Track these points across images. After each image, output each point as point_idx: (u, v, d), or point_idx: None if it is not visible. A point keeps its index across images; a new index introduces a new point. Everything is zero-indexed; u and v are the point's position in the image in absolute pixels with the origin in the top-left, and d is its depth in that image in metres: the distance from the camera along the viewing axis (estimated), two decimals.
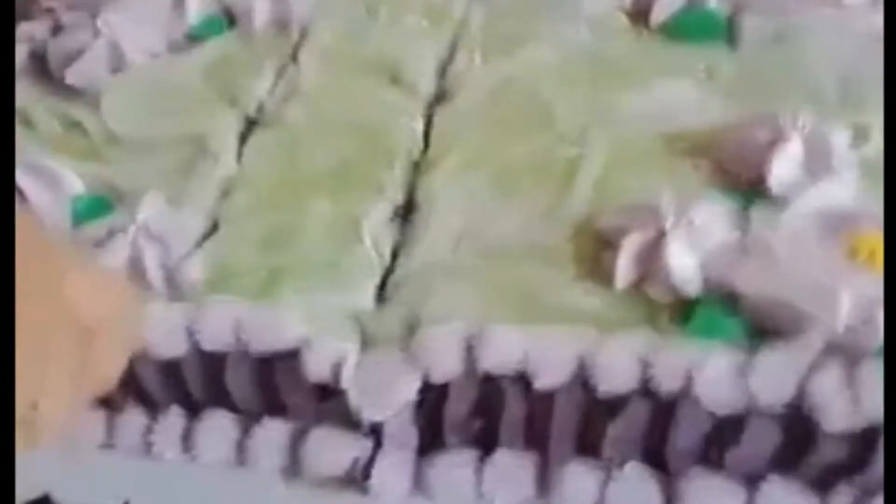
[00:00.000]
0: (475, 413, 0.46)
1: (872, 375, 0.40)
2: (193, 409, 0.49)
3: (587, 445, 0.46)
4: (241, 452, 0.49)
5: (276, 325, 0.45)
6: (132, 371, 0.46)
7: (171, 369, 0.47)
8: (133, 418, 0.50)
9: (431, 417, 0.46)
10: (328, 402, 0.47)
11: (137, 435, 0.50)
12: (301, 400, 0.47)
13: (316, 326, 0.45)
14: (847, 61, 0.54)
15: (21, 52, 0.61)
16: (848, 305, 0.41)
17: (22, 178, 0.51)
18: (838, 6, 0.55)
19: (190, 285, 0.48)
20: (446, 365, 0.44)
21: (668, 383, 0.42)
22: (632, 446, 0.45)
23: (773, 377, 0.41)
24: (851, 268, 0.43)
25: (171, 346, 0.46)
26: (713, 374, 0.41)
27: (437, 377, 0.44)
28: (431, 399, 0.45)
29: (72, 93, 0.58)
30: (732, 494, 0.44)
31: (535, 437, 0.46)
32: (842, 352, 0.41)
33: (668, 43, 0.57)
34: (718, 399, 0.41)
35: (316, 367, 0.45)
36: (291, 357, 0.45)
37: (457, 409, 0.46)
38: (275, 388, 0.47)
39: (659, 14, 0.58)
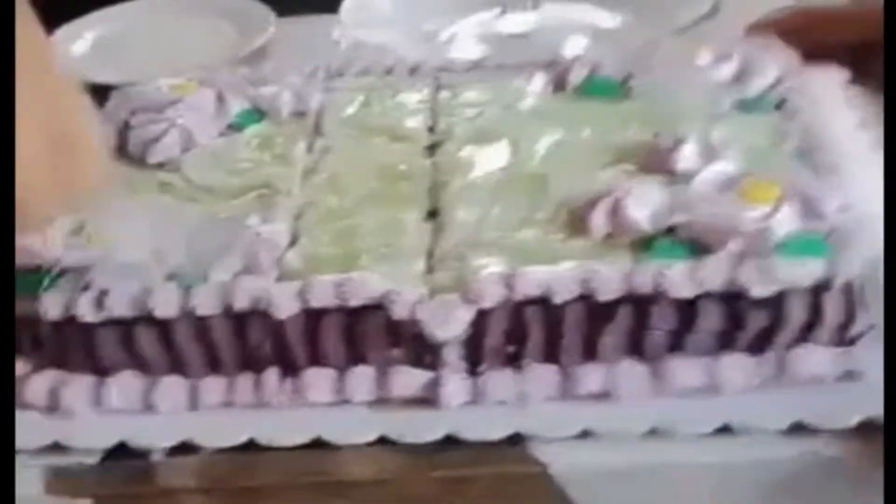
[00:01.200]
0: (509, 340, 0.60)
1: (776, 259, 0.58)
2: (295, 369, 0.61)
3: (591, 352, 0.60)
4: (339, 392, 0.61)
5: (366, 283, 0.59)
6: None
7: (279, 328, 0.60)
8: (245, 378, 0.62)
9: (477, 346, 0.60)
10: (402, 346, 0.60)
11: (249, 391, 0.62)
12: (382, 342, 0.60)
13: (390, 284, 0.60)
14: (705, 99, 0.74)
15: None
16: (748, 221, 0.59)
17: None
18: (695, 69, 0.76)
19: (292, 271, 0.62)
20: (492, 293, 0.58)
21: (645, 286, 0.58)
22: (622, 347, 0.59)
23: (715, 268, 0.58)
24: (743, 202, 0.61)
25: (286, 308, 0.59)
26: (675, 272, 0.58)
27: (486, 303, 0.58)
28: (479, 328, 0.59)
29: (153, 168, 0.72)
30: (696, 368, 0.59)
31: (553, 352, 0.60)
32: (749, 250, 0.59)
33: (583, 100, 0.76)
34: (678, 287, 0.57)
35: (399, 308, 0.58)
36: (377, 307, 0.59)
37: (496, 335, 0.60)
38: (362, 337, 0.61)
39: (572, 81, 0.77)
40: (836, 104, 0.78)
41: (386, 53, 0.94)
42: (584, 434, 0.58)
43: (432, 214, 0.67)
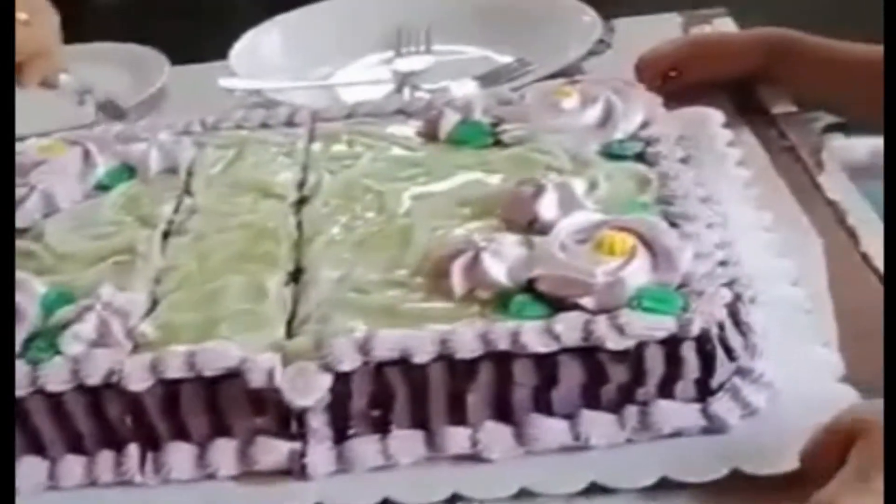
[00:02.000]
0: (373, 404, 0.57)
1: (629, 314, 0.55)
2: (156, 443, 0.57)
3: (456, 415, 0.57)
4: (203, 467, 0.57)
5: (221, 352, 0.56)
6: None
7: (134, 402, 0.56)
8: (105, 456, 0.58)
9: (341, 412, 0.57)
10: (264, 415, 0.57)
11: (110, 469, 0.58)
12: (243, 412, 0.57)
13: (248, 352, 0.57)
14: (571, 145, 0.71)
15: None
16: (601, 274, 0.57)
17: None
18: (562, 113, 0.73)
19: (147, 342, 0.59)
20: (349, 358, 0.55)
21: (503, 343, 0.55)
22: (487, 408, 0.57)
23: (569, 324, 0.55)
24: (598, 255, 0.58)
25: (140, 380, 0.55)
26: (531, 328, 0.55)
27: (343, 368, 0.55)
28: (340, 393, 0.57)
29: (18, 232, 0.68)
30: (560, 428, 0.56)
31: (419, 414, 0.57)
32: (602, 305, 0.57)
33: (454, 148, 0.73)
34: (535, 344, 0.55)
35: (256, 376, 0.55)
36: (234, 376, 0.56)
37: (359, 399, 0.57)
38: (222, 408, 0.57)
39: (444, 128, 0.74)
40: (711, 144, 0.76)
41: (271, 100, 0.91)
42: (454, 498, 0.55)
43: (296, 274, 0.64)
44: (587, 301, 0.57)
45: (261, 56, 1.03)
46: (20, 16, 0.76)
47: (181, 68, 1.06)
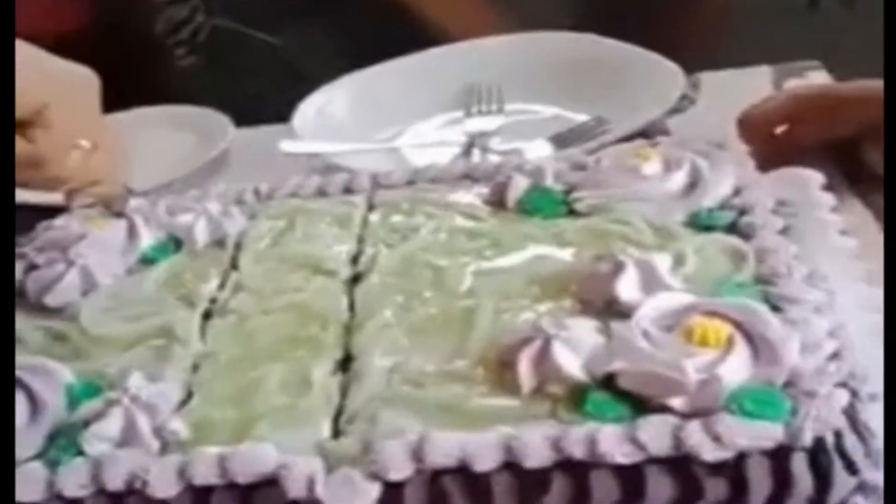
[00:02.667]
0: None
1: (727, 419, 0.46)
2: None
3: None
4: None
5: (256, 456, 0.48)
6: None
7: None
8: None
9: None
10: None
11: None
12: None
13: (288, 455, 0.49)
14: (653, 214, 0.62)
15: None
16: (692, 373, 0.48)
17: (20, 374, 0.53)
18: (642, 179, 0.64)
19: (177, 441, 0.51)
20: (400, 464, 0.47)
21: (578, 451, 0.46)
22: None
23: (656, 430, 0.46)
24: (688, 346, 0.49)
25: (166, 487, 0.48)
26: (611, 434, 0.46)
27: (393, 478, 0.47)
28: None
29: (51, 312, 0.62)
30: None
31: None
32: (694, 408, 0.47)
33: (523, 217, 0.65)
34: (616, 453, 0.46)
35: (294, 485, 0.47)
36: (271, 482, 0.48)
37: None
38: None
39: (512, 195, 0.66)
40: (811, 211, 0.66)
41: (333, 164, 0.84)
42: None
43: (345, 362, 0.55)
44: (677, 402, 0.47)
45: (325, 118, 0.96)
46: (83, 143, 0.67)
47: (246, 131, 1.00)
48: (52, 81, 0.65)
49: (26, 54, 0.63)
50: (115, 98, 1.08)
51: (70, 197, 0.68)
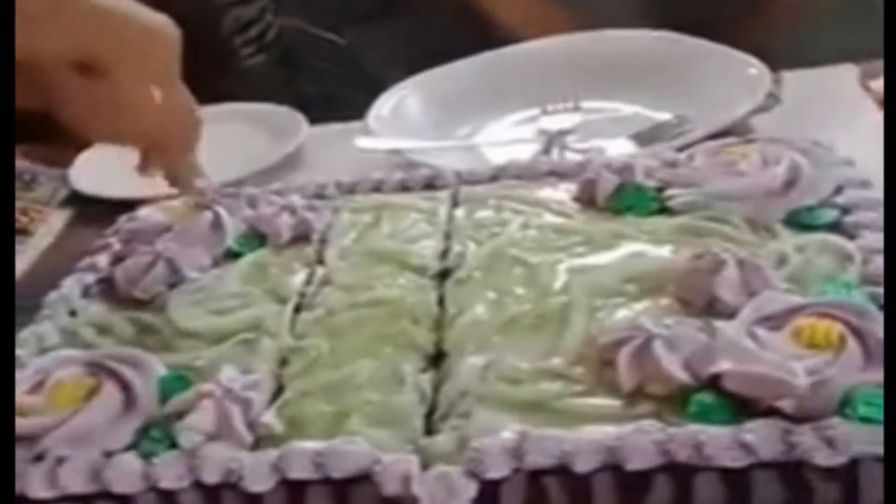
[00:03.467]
0: None
1: (839, 425, 0.45)
2: None
3: None
4: None
5: (351, 452, 0.48)
6: None
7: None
8: None
9: None
10: None
11: None
12: None
13: (382, 451, 0.48)
14: (751, 213, 0.61)
15: (90, 279, 0.65)
16: (803, 375, 0.46)
17: (114, 365, 0.54)
18: (739, 177, 0.63)
19: (270, 435, 0.51)
20: (500, 463, 0.46)
21: (683, 454, 0.45)
22: None
23: (765, 433, 0.45)
24: (797, 347, 0.48)
25: (261, 481, 0.48)
26: (717, 437, 0.45)
27: (491, 476, 0.46)
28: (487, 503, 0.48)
29: (140, 304, 0.62)
30: None
31: None
32: (805, 410, 0.46)
33: (614, 215, 0.64)
34: (723, 456, 0.44)
35: (390, 482, 0.46)
36: (365, 478, 0.48)
37: None
38: None
39: (601, 192, 0.65)
40: None
41: (410, 161, 0.84)
42: None
43: (437, 358, 0.55)
44: (786, 405, 0.46)
45: (400, 116, 0.95)
46: (154, 93, 0.62)
47: (320, 128, 1.00)
48: (118, 25, 0.60)
49: None
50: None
51: (144, 166, 0.65)
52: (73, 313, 0.63)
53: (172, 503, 0.49)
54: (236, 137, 1.04)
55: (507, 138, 0.93)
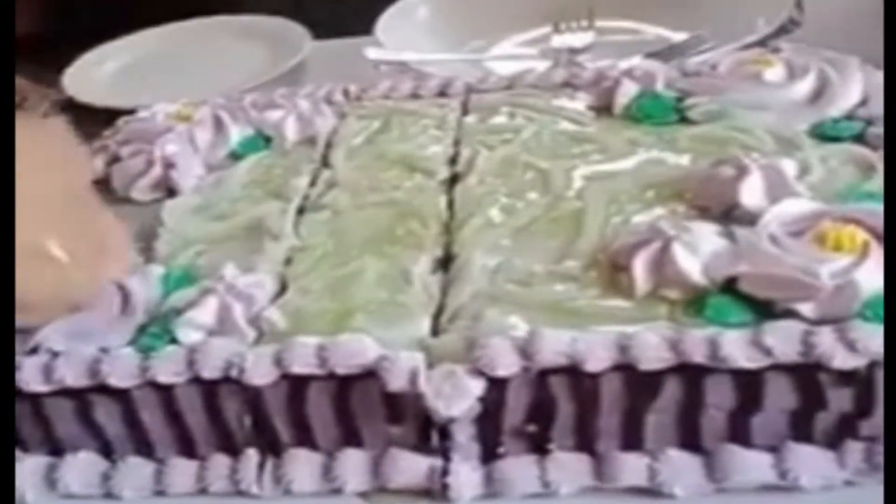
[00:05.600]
0: (530, 418, 0.48)
1: (860, 327, 0.44)
2: (276, 449, 0.50)
3: (631, 437, 0.47)
4: (329, 481, 0.49)
5: (356, 348, 0.47)
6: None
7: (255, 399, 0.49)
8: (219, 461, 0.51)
9: (492, 425, 0.48)
10: (402, 424, 0.49)
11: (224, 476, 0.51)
12: (378, 419, 0.49)
13: (387, 349, 0.48)
14: (774, 123, 0.60)
15: None
16: (827, 274, 0.46)
17: None
18: (764, 87, 0.62)
19: (273, 331, 0.51)
20: (506, 363, 0.46)
21: (698, 354, 0.45)
22: (670, 432, 0.47)
23: (783, 334, 0.44)
24: (821, 252, 0.47)
25: (262, 375, 0.47)
26: (734, 338, 0.45)
27: (499, 374, 0.46)
28: (493, 403, 0.48)
29: (138, 206, 0.62)
30: (761, 462, 0.46)
31: (586, 434, 0.48)
32: (826, 313, 0.46)
33: (631, 124, 0.63)
34: (739, 357, 0.44)
35: (395, 378, 0.46)
36: (369, 376, 0.47)
37: (515, 411, 0.48)
38: (353, 412, 0.49)
39: (619, 101, 0.64)
40: None
41: (420, 72, 0.83)
42: None
43: (445, 261, 0.54)
44: (807, 308, 0.46)
45: (408, 30, 0.94)
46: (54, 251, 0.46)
47: (324, 42, 0.99)
48: None
49: None
50: (184, 9, 1.08)
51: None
52: None
53: (169, 399, 0.49)
54: (232, 51, 1.03)
55: (518, 53, 0.92)
